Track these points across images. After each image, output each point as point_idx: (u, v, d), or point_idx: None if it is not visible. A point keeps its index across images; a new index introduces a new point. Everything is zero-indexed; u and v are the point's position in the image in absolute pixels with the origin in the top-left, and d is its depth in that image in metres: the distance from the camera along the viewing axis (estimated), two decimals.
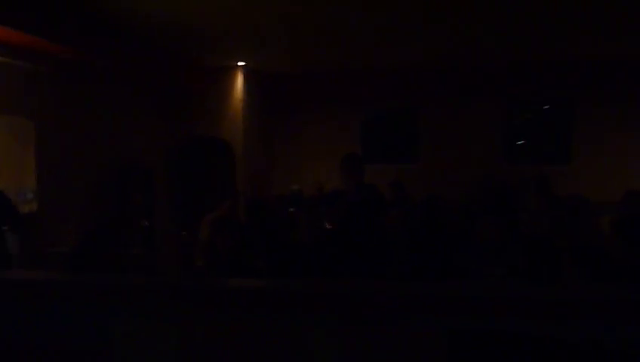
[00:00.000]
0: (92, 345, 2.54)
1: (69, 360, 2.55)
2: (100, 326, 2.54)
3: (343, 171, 4.70)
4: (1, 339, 2.59)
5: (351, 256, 3.98)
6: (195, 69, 8.16)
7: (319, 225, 4.24)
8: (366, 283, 2.98)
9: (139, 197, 7.46)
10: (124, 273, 3.90)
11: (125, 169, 7.30)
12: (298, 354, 2.43)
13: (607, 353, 2.16)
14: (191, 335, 2.55)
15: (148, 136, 7.85)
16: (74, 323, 2.54)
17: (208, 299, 2.59)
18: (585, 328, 2.23)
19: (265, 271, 4.02)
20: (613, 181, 8.78)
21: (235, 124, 8.40)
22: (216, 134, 8.30)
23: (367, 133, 9.75)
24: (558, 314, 2.32)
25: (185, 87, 8.35)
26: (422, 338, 2.39)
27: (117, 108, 7.24)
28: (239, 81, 8.41)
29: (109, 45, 6.37)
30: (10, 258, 4.99)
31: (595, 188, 7.96)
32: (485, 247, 4.16)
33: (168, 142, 8.19)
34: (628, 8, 6.29)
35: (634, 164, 8.97)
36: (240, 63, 8.27)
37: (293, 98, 9.73)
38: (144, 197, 7.54)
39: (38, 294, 2.68)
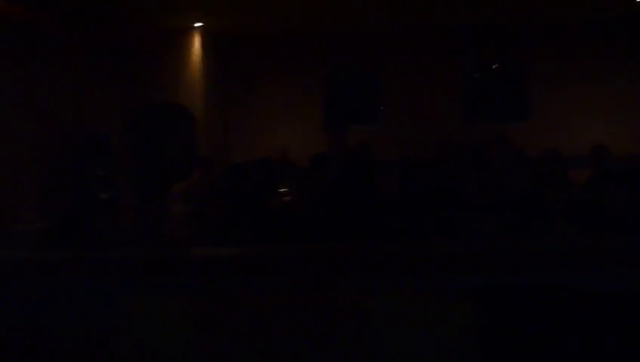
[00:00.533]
0: (99, 325, 2.34)
1: (76, 341, 2.35)
2: (106, 305, 2.34)
3: (328, 134, 4.55)
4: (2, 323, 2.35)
5: (351, 220, 3.87)
6: (152, 31, 7.70)
7: (316, 190, 4.09)
8: (373, 244, 2.90)
9: (97, 169, 7.05)
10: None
11: (80, 138, 6.87)
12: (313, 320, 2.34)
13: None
14: (204, 307, 2.41)
15: (103, 102, 7.39)
16: (79, 302, 2.32)
17: (221, 268, 2.45)
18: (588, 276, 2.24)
19: (256, 241, 3.86)
20: (569, 135, 9.07)
21: (194, 89, 8.05)
22: (174, 99, 7.93)
23: (329, 96, 9.59)
24: (563, 264, 2.34)
25: (140, 50, 7.88)
26: (443, 299, 2.34)
27: (68, 73, 6.75)
28: (197, 43, 8.03)
29: (56, 5, 5.88)
30: None
31: (553, 142, 8.22)
32: (471, 204, 4.15)
33: (124, 109, 7.75)
34: None
35: (589, 118, 9.24)
36: (197, 24, 7.87)
37: (251, 61, 9.41)
38: (102, 168, 7.14)
39: (31, 274, 2.45)
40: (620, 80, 9.24)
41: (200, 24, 7.91)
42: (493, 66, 9.97)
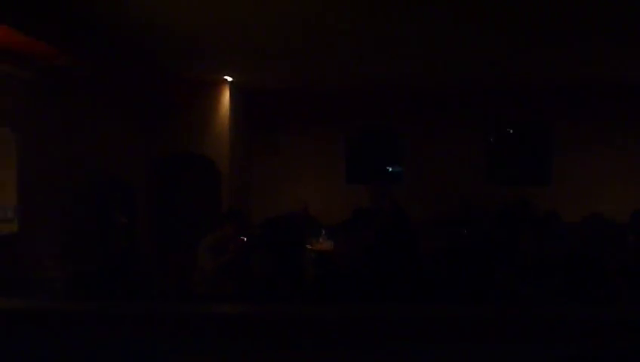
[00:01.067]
0: None
1: None
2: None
3: (372, 190, 4.48)
4: None
5: (399, 273, 3.74)
6: (181, 82, 7.76)
7: (358, 245, 3.96)
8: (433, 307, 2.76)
9: (120, 217, 6.96)
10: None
11: (105, 185, 6.80)
12: None
13: None
14: None
15: (130, 150, 7.38)
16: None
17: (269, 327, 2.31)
18: None
19: (301, 297, 3.70)
20: (590, 201, 8.98)
21: (221, 141, 8.03)
22: (201, 150, 7.90)
23: (352, 152, 9.57)
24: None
25: (170, 101, 7.92)
26: None
27: (98, 121, 6.76)
28: (226, 96, 8.07)
29: (92, 50, 5.92)
30: None
31: (574, 208, 8.12)
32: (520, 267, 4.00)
33: (150, 158, 7.73)
34: (604, 35, 6.53)
35: (609, 185, 9.18)
36: (227, 78, 7.92)
37: (276, 114, 9.44)
38: (125, 216, 7.04)
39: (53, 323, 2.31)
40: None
41: (230, 78, 7.95)
42: (509, 130, 10.01)
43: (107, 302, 2.74)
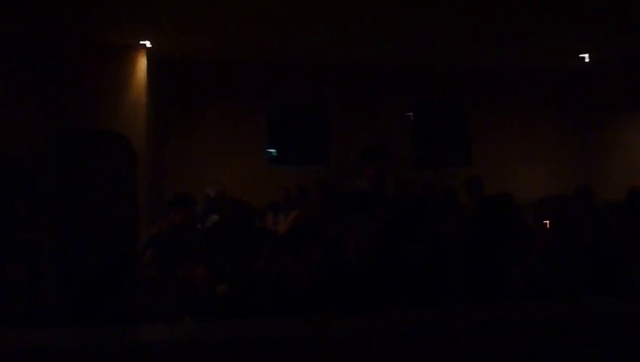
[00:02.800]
0: None
1: None
2: None
3: (374, 166, 3.92)
4: None
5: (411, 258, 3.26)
6: (90, 46, 6.63)
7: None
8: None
9: (18, 204, 5.77)
10: None
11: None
12: None
13: None
14: None
15: (27, 126, 6.14)
16: None
17: None
18: None
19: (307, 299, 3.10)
20: (511, 183, 9.20)
21: (137, 115, 7.03)
22: (113, 126, 6.84)
23: (275, 131, 8.93)
24: None
25: (77, 68, 6.73)
26: None
27: None
28: (142, 64, 7.05)
29: None
30: None
31: (493, 189, 8.23)
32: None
33: (52, 135, 6.53)
34: (517, 23, 6.78)
35: (526, 167, 9.47)
36: (144, 43, 6.92)
37: (196, 89, 8.52)
38: (24, 203, 5.86)
39: None
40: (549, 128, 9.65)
41: (147, 44, 6.96)
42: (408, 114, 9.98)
43: None
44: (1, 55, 5.75)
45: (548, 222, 3.39)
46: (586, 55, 8.24)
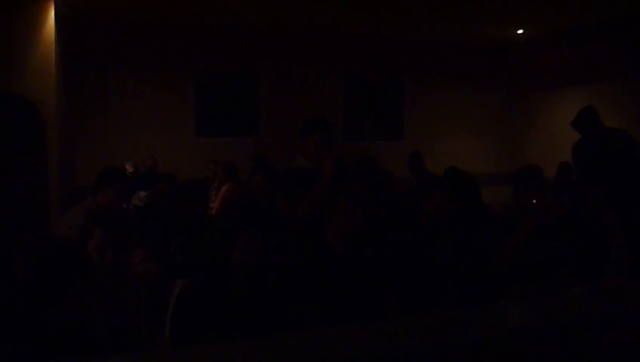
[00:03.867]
0: None
1: None
2: None
3: (313, 143, 3.46)
4: None
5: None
6: None
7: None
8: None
9: None
10: None
11: None
12: None
13: None
14: None
15: None
16: None
17: None
18: None
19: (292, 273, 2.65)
20: (442, 157, 9.16)
21: (45, 77, 6.08)
22: (18, 89, 5.87)
23: (202, 100, 8.21)
24: None
25: None
26: None
27: None
28: (50, 16, 6.08)
29: None
30: None
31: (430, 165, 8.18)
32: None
33: None
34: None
35: (456, 140, 9.45)
36: None
37: (112, 49, 7.60)
38: None
39: None
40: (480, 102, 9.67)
41: None
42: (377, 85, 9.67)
43: None
44: None
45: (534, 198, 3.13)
46: (521, 30, 8.23)
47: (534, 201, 3.13)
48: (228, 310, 2.37)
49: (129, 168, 6.99)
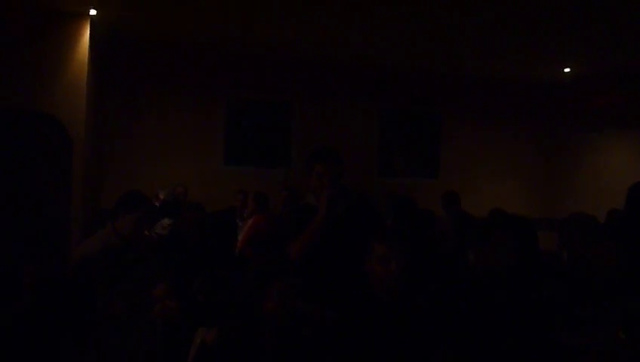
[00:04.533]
0: None
1: None
2: None
3: (316, 175, 3.03)
4: None
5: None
6: (22, 10, 5.49)
7: None
8: None
9: None
10: None
11: None
12: None
13: None
14: None
15: None
16: None
17: None
18: None
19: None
20: (477, 198, 8.77)
21: (76, 97, 5.92)
22: (48, 108, 5.72)
23: (232, 127, 7.99)
24: None
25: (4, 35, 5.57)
26: None
27: None
28: (85, 35, 5.96)
29: None
30: None
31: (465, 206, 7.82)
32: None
33: None
34: (501, 30, 6.33)
35: (492, 181, 9.04)
36: (90, 11, 5.84)
37: (145, 71, 7.46)
38: None
39: None
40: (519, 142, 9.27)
41: (93, 11, 5.90)
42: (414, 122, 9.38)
43: None
44: None
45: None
46: (568, 68, 7.87)
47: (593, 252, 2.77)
48: None
49: (161, 196, 6.75)
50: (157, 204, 6.25)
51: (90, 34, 6.01)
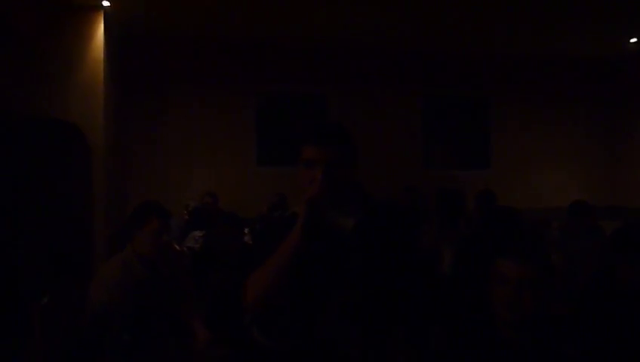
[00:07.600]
0: None
1: None
2: None
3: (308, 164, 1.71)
4: None
5: None
6: (29, 4, 4.96)
7: None
8: None
9: None
10: None
11: None
12: None
13: None
14: None
15: None
16: None
17: None
18: None
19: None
20: (534, 189, 8.03)
21: (91, 100, 5.37)
22: (63, 114, 5.17)
23: (264, 125, 7.36)
24: None
25: (10, 33, 5.04)
26: None
27: None
28: (99, 30, 5.40)
29: None
30: None
31: (514, 195, 7.10)
32: None
33: None
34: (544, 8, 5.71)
35: (545, 170, 8.23)
36: (102, 2, 5.28)
37: (167, 67, 6.90)
38: None
39: None
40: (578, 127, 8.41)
41: (106, 2, 5.34)
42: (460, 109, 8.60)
43: None
44: None
45: None
46: (634, 39, 7.02)
47: None
48: None
49: (191, 206, 6.16)
50: (186, 215, 5.65)
51: (104, 29, 5.44)
